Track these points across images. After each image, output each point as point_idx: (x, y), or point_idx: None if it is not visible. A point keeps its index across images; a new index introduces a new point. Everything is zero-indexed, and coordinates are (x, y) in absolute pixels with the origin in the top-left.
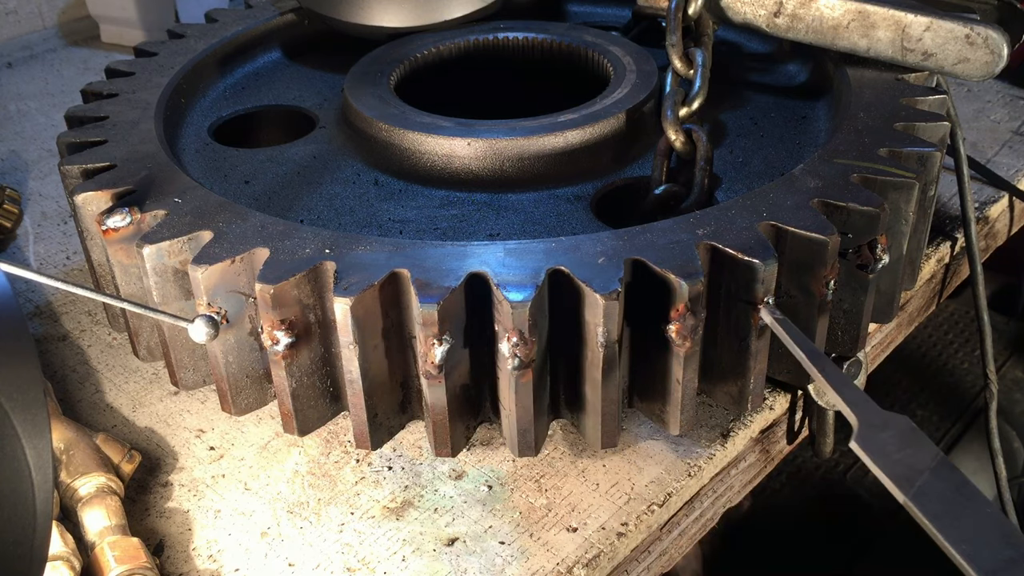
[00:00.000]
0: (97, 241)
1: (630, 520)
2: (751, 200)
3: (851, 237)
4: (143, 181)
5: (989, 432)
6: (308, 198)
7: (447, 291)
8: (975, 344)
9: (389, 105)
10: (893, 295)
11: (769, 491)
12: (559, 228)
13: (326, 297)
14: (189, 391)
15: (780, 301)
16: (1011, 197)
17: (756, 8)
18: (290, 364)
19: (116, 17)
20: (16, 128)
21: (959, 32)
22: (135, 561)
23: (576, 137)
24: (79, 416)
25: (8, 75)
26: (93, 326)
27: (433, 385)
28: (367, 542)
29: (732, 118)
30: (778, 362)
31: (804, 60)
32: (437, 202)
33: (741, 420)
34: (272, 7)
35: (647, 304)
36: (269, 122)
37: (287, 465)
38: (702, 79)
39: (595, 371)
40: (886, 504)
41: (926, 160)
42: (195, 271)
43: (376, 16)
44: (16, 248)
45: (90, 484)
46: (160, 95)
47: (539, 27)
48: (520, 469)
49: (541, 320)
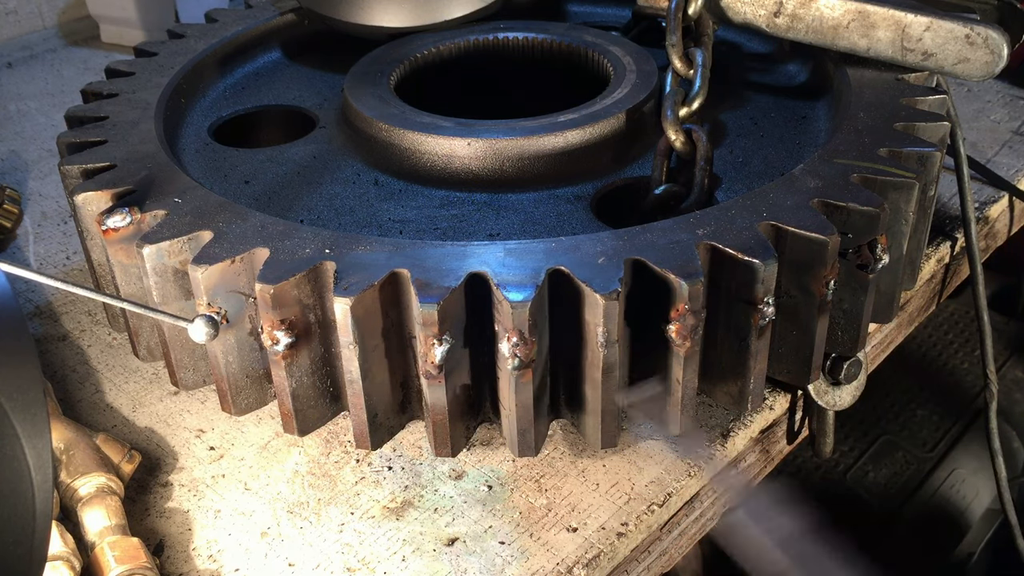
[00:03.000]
0: (97, 241)
1: (630, 520)
2: (751, 200)
3: (851, 237)
4: (143, 181)
5: (989, 432)
6: (308, 198)
7: (447, 291)
8: (975, 344)
9: (389, 105)
10: (893, 295)
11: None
12: (559, 228)
13: (326, 297)
14: (189, 391)
15: (780, 301)
16: (1011, 197)
17: (756, 8)
18: (290, 364)
19: (116, 17)
20: (16, 128)
21: (959, 32)
22: (135, 561)
23: (576, 137)
24: (79, 416)
25: (8, 75)
26: (93, 326)
27: (433, 385)
28: (367, 542)
29: (732, 118)
30: (778, 362)
31: (804, 60)
32: (437, 202)
33: (741, 420)
34: (272, 7)
35: (647, 304)
36: (269, 122)
37: (287, 465)
38: (702, 79)
39: (595, 371)
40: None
41: (926, 160)
42: (195, 271)
43: (376, 16)
44: (16, 248)
45: (90, 484)
46: (160, 95)
47: (539, 27)
48: (520, 469)
49: (541, 320)
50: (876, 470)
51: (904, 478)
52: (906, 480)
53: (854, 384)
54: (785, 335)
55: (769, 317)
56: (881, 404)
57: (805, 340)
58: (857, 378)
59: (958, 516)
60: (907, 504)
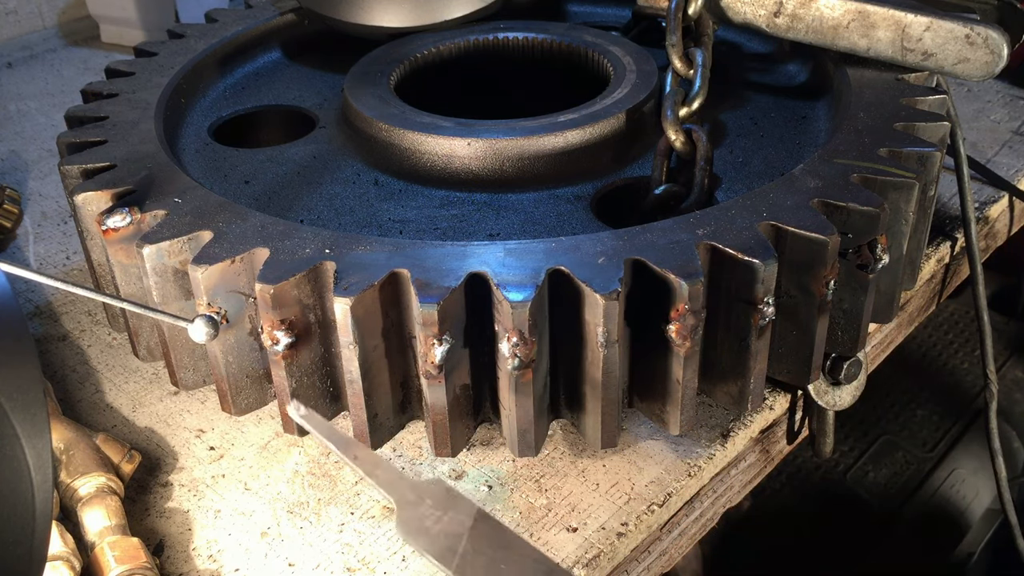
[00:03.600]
0: (97, 241)
1: (630, 520)
2: (751, 200)
3: (851, 237)
4: (143, 181)
5: (989, 432)
6: (308, 198)
7: (447, 291)
8: (975, 344)
9: (389, 105)
10: (893, 295)
11: (769, 491)
12: (559, 228)
13: (326, 297)
14: (189, 391)
15: (780, 301)
16: (1011, 197)
17: (756, 8)
18: (290, 364)
19: (116, 17)
20: (16, 128)
21: (959, 32)
22: (135, 561)
23: (576, 137)
24: (79, 416)
25: (8, 75)
26: (93, 326)
27: (433, 385)
28: (367, 542)
29: (732, 118)
30: (778, 362)
31: (804, 60)
32: (437, 202)
33: (741, 420)
34: (272, 7)
35: (647, 304)
36: (269, 122)
37: (287, 465)
38: (702, 79)
39: (595, 371)
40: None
41: (926, 160)
42: (195, 271)
43: (376, 16)
44: (16, 248)
45: (90, 484)
46: (160, 95)
47: (539, 27)
48: (520, 469)
49: (541, 320)
50: (876, 470)
51: (904, 478)
52: (906, 480)
53: (854, 384)
54: (785, 335)
55: (769, 317)
56: (881, 404)
57: (805, 340)
58: (857, 378)
59: (958, 516)
60: (907, 504)
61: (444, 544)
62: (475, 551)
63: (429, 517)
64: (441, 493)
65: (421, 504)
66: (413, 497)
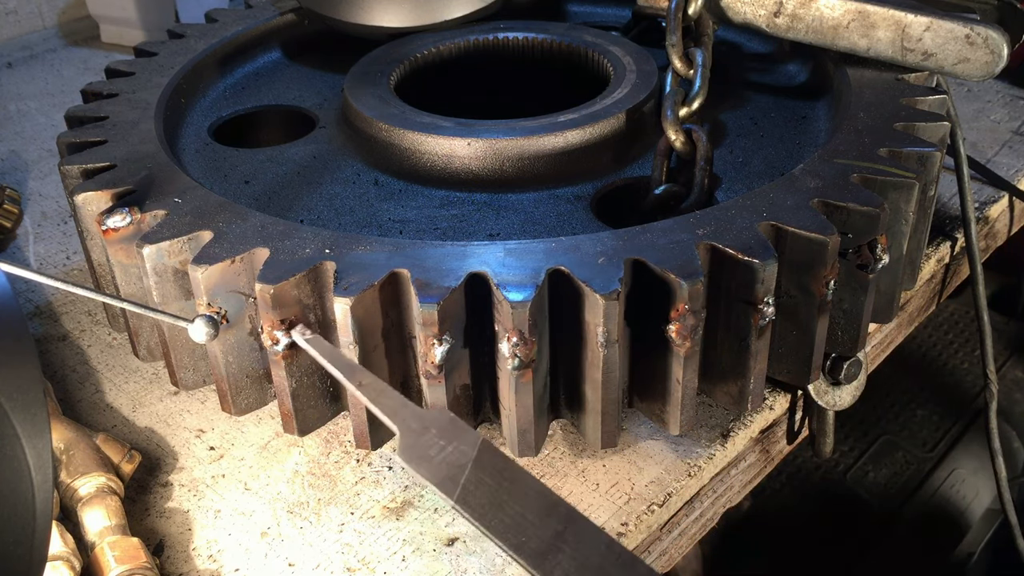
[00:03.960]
0: (97, 241)
1: (630, 520)
2: (751, 200)
3: (851, 237)
4: (143, 181)
5: (989, 432)
6: (308, 198)
7: (447, 291)
8: (975, 344)
9: (389, 105)
10: (893, 295)
11: (769, 491)
12: (559, 228)
13: (326, 297)
14: (189, 391)
15: (780, 301)
16: (1011, 197)
17: (756, 8)
18: (290, 364)
19: (116, 17)
20: (16, 128)
21: (959, 32)
22: (135, 561)
23: (576, 137)
24: (79, 416)
25: (8, 75)
26: (93, 326)
27: (433, 385)
28: (367, 542)
29: (732, 118)
30: (778, 362)
31: (804, 60)
32: (437, 202)
33: (741, 420)
34: (272, 7)
35: (647, 304)
36: (269, 122)
37: (287, 465)
38: (702, 79)
39: (595, 371)
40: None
41: (926, 160)
42: (195, 271)
43: (376, 16)
44: (16, 248)
45: (90, 484)
46: (160, 95)
47: (539, 27)
48: None
49: (541, 320)
50: (876, 470)
51: (904, 478)
52: (906, 480)
53: (854, 384)
54: (785, 335)
55: (769, 317)
56: (881, 404)
57: (805, 340)
58: (857, 378)
59: (958, 516)
60: (907, 504)
61: (447, 473)
62: (478, 481)
63: (433, 446)
64: (446, 423)
65: (425, 433)
66: (417, 426)
